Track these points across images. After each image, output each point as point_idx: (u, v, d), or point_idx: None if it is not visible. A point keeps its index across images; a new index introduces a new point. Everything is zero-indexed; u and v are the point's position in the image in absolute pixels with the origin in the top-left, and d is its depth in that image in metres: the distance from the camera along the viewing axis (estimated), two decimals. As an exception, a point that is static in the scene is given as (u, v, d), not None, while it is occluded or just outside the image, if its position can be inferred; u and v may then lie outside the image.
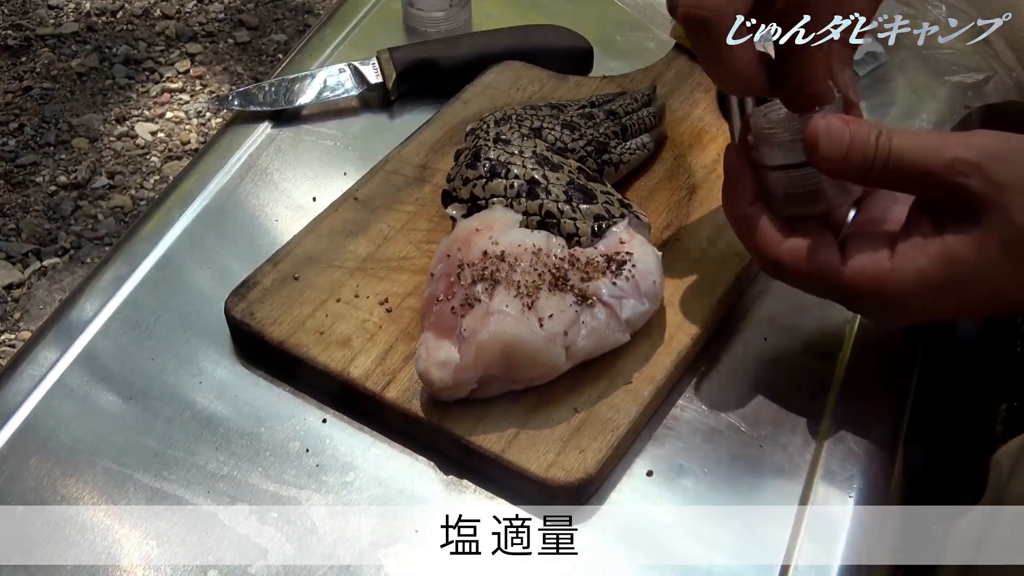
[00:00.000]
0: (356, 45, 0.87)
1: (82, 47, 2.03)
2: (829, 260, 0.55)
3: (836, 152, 0.54)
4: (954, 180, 0.51)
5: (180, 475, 0.59)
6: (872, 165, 0.53)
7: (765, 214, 0.57)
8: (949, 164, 0.51)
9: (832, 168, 0.55)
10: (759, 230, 0.57)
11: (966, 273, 0.52)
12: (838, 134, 0.54)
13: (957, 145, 0.52)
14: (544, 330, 0.57)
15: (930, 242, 0.53)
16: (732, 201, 0.59)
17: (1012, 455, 0.61)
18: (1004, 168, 0.51)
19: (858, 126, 0.54)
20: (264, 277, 0.65)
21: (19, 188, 1.78)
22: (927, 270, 0.53)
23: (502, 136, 0.68)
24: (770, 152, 0.57)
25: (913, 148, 0.53)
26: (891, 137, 0.53)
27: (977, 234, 0.52)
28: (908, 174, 0.53)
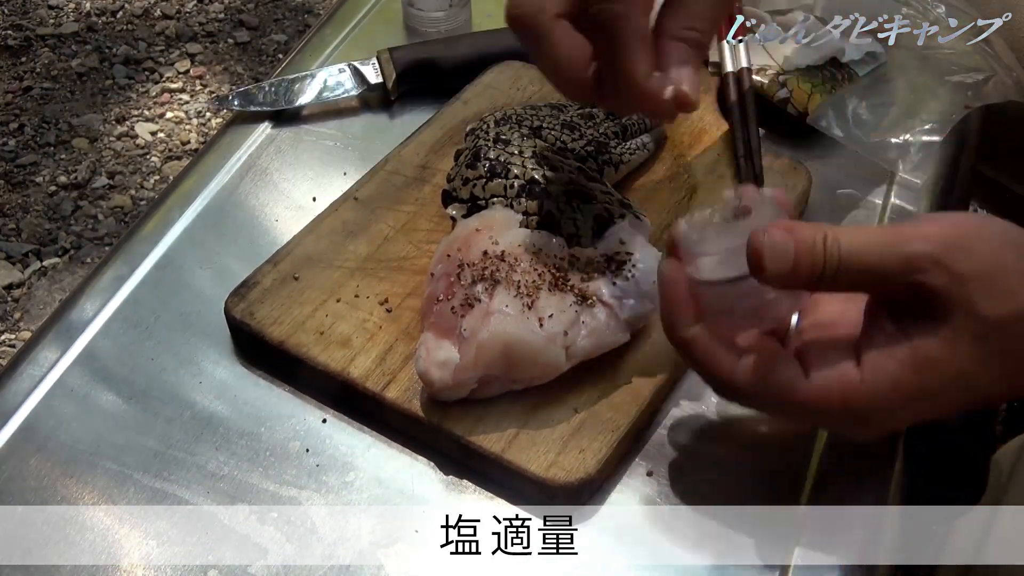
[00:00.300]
0: (356, 45, 0.87)
1: (82, 47, 2.03)
2: (790, 378, 0.51)
3: (783, 267, 0.49)
4: (913, 278, 0.48)
5: (180, 475, 0.59)
6: (823, 273, 0.49)
7: (710, 335, 0.52)
8: (906, 261, 0.48)
9: (781, 283, 0.50)
10: (707, 353, 0.52)
11: (939, 376, 0.49)
12: (782, 247, 0.49)
13: (911, 239, 0.49)
14: (544, 330, 0.57)
15: (898, 347, 0.49)
16: (672, 324, 0.53)
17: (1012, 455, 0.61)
18: (963, 258, 0.48)
19: (800, 234, 0.49)
20: (264, 277, 0.65)
21: (19, 188, 1.78)
22: (899, 378, 0.49)
23: (502, 136, 0.68)
24: (708, 267, 0.53)
25: (865, 248, 0.49)
26: (839, 240, 0.49)
27: (946, 332, 0.48)
28: (862, 277, 0.50)
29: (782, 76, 0.79)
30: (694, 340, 0.53)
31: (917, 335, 0.49)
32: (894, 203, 0.76)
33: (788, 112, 0.78)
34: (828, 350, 0.51)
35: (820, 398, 0.50)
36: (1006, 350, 0.49)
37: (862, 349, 0.50)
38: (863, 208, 0.75)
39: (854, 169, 0.77)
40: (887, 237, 0.49)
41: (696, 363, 0.53)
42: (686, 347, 0.53)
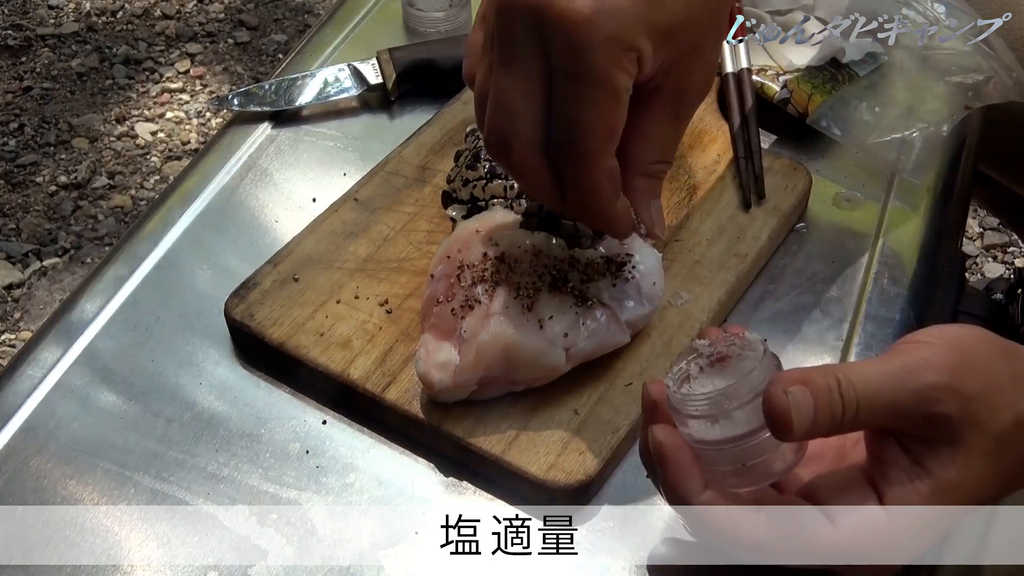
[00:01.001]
0: (356, 45, 0.87)
1: (82, 47, 2.03)
2: (815, 527, 0.49)
3: (806, 423, 0.47)
4: (930, 411, 0.48)
5: (180, 476, 0.59)
6: (842, 420, 0.48)
7: (723, 499, 0.49)
8: (920, 395, 0.48)
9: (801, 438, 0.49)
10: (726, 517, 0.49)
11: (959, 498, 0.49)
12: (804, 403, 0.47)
13: (921, 370, 0.48)
14: (544, 332, 0.57)
15: (917, 481, 0.48)
16: (682, 494, 0.49)
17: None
18: (971, 379, 0.48)
19: (815, 384, 0.47)
20: (264, 278, 0.65)
21: (19, 188, 1.78)
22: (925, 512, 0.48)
23: (502, 137, 0.68)
24: (703, 428, 0.49)
25: (879, 387, 0.48)
26: (852, 382, 0.48)
27: (960, 456, 0.48)
28: (879, 416, 0.49)
29: (782, 76, 0.79)
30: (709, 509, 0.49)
31: (935, 465, 0.48)
32: (894, 203, 0.76)
33: (788, 112, 0.78)
34: (844, 490, 0.50)
35: (850, 544, 0.49)
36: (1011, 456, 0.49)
37: (881, 486, 0.49)
38: (863, 208, 0.75)
39: (854, 169, 0.77)
40: (898, 371, 0.48)
41: (713, 529, 0.50)
42: (702, 516, 0.50)
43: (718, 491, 0.49)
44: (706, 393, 0.49)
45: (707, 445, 0.49)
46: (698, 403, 0.49)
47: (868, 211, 0.75)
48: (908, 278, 0.71)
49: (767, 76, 0.79)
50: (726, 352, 0.51)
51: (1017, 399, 0.49)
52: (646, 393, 0.52)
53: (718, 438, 0.49)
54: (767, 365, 0.49)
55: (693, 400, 0.49)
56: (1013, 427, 0.48)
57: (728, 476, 0.50)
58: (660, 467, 0.50)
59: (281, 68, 0.86)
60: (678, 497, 0.50)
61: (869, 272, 0.71)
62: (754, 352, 0.50)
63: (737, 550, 0.50)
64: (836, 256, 0.71)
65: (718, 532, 0.50)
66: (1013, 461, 0.49)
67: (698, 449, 0.50)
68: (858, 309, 0.68)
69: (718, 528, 0.50)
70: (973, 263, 1.70)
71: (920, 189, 0.77)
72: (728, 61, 0.79)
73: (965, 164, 0.81)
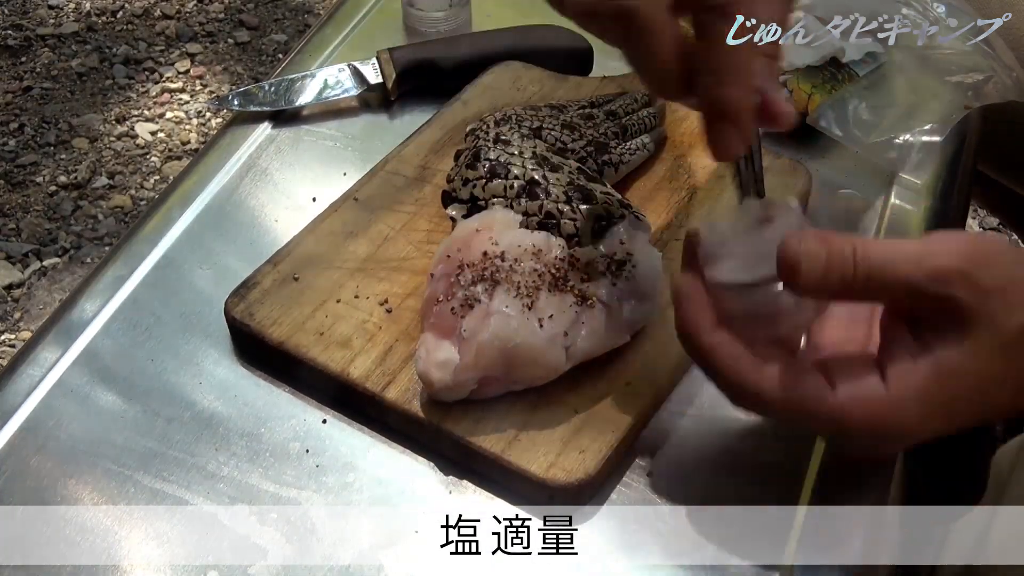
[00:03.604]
0: (356, 45, 0.87)
1: (82, 47, 2.03)
2: (815, 389, 0.50)
3: (815, 274, 0.49)
4: (940, 291, 0.48)
5: (180, 475, 0.59)
6: (853, 282, 0.49)
7: (734, 341, 0.51)
8: (933, 275, 0.49)
9: (811, 290, 0.51)
10: (731, 360, 0.51)
11: (962, 387, 0.49)
12: (816, 255, 0.49)
13: (939, 253, 0.49)
14: (544, 331, 0.57)
15: (921, 360, 0.49)
16: (692, 330, 0.52)
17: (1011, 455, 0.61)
18: (988, 272, 0.49)
19: (833, 244, 0.49)
20: (264, 278, 0.65)
21: (19, 188, 1.78)
22: (923, 390, 0.49)
23: (502, 136, 0.68)
24: (729, 270, 0.52)
25: (894, 260, 0.49)
26: (868, 251, 0.49)
27: (968, 344, 0.49)
28: (890, 288, 0.50)
29: (782, 76, 0.79)
30: (717, 347, 0.51)
31: (939, 347, 0.49)
32: (894, 203, 0.76)
33: (788, 112, 0.78)
34: (851, 365, 0.51)
35: (847, 411, 0.50)
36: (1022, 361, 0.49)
37: (885, 363, 0.50)
38: (863, 208, 0.75)
39: (854, 169, 0.77)
40: (915, 250, 0.50)
41: (717, 370, 0.52)
42: (707, 354, 0.52)
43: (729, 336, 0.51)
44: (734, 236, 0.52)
45: (729, 289, 0.52)
46: (725, 244, 0.52)
47: (868, 211, 0.75)
48: (908, 278, 0.70)
49: (767, 76, 0.78)
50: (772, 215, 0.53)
51: None
52: (687, 240, 0.54)
53: (739, 281, 0.51)
54: (794, 221, 0.52)
55: (721, 241, 0.52)
56: None
57: (748, 324, 0.52)
58: (676, 306, 0.53)
59: (281, 68, 0.86)
60: (688, 334, 0.52)
61: (869, 272, 0.70)
62: (787, 209, 0.53)
63: (737, 394, 0.52)
64: (836, 256, 0.71)
65: (720, 373, 0.52)
66: None
67: (721, 294, 0.52)
68: (858, 309, 0.68)
69: (720, 368, 0.51)
70: (973, 263, 1.69)
71: (920, 189, 0.77)
72: (728, 61, 0.78)
73: (965, 164, 0.81)
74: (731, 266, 0.52)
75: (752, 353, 0.51)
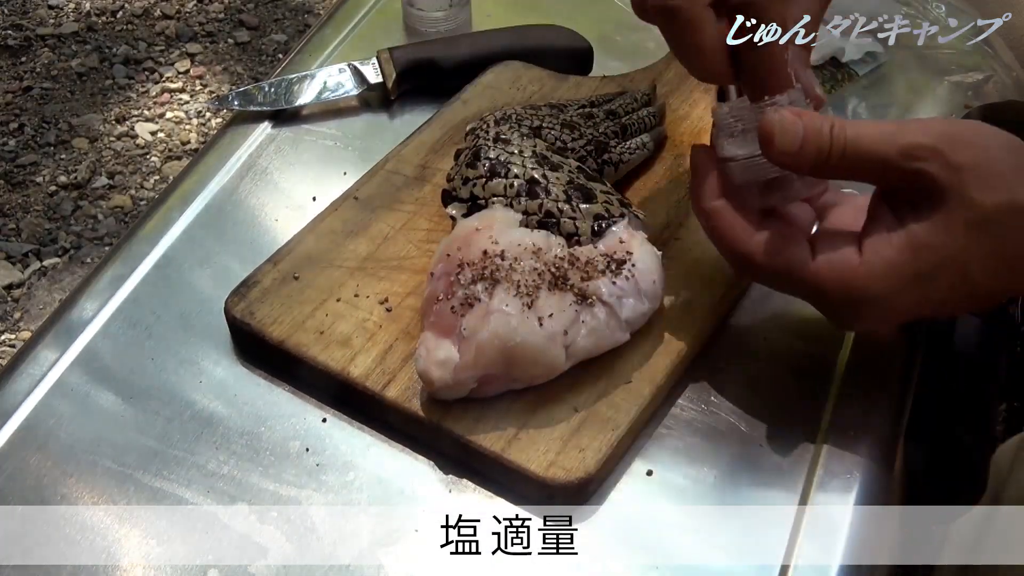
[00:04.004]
0: (356, 45, 0.87)
1: (82, 47, 2.03)
2: (798, 255, 0.55)
3: (791, 146, 0.54)
4: (912, 166, 0.51)
5: (180, 474, 0.59)
6: (828, 156, 0.53)
7: (732, 209, 0.57)
8: (905, 150, 0.51)
9: (788, 161, 0.55)
10: (727, 224, 0.57)
11: (933, 260, 0.52)
12: (792, 127, 0.54)
13: (913, 131, 0.52)
14: (544, 329, 0.57)
15: (894, 234, 0.53)
16: (699, 196, 0.58)
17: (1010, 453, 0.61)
18: (961, 150, 0.51)
19: (811, 119, 0.54)
20: (264, 277, 0.65)
21: (19, 188, 1.78)
22: (894, 261, 0.52)
23: (502, 136, 0.68)
24: (728, 143, 0.58)
25: (868, 137, 0.53)
26: (845, 128, 0.53)
27: (940, 218, 0.51)
28: (864, 163, 0.53)
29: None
30: (716, 211, 0.57)
31: (912, 220, 0.52)
32: (894, 203, 0.76)
33: (788, 112, 0.78)
34: (835, 238, 0.55)
35: (822, 277, 0.54)
36: (998, 240, 0.51)
37: (862, 237, 0.54)
38: (863, 208, 0.75)
39: (854, 169, 0.77)
40: (891, 128, 0.53)
41: (715, 233, 0.58)
42: (708, 217, 0.58)
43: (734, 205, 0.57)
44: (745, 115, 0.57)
45: (732, 160, 0.57)
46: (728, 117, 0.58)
47: (868, 210, 0.75)
48: (908, 277, 0.71)
49: (767, 76, 0.78)
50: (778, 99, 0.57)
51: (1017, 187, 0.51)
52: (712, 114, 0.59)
53: (740, 154, 0.57)
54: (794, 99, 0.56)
55: (726, 115, 0.58)
56: (1009, 212, 0.51)
57: (748, 193, 0.58)
58: (691, 177, 0.59)
59: (281, 68, 0.86)
60: (696, 198, 0.59)
61: (869, 271, 0.71)
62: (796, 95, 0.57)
63: (729, 255, 0.58)
64: (836, 255, 0.71)
65: (717, 235, 0.58)
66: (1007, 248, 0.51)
67: (725, 166, 0.58)
68: (858, 308, 0.68)
69: (718, 231, 0.57)
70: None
71: (920, 188, 0.77)
72: (728, 60, 0.78)
73: (965, 164, 0.81)
74: (735, 141, 0.57)
75: (754, 223, 0.56)
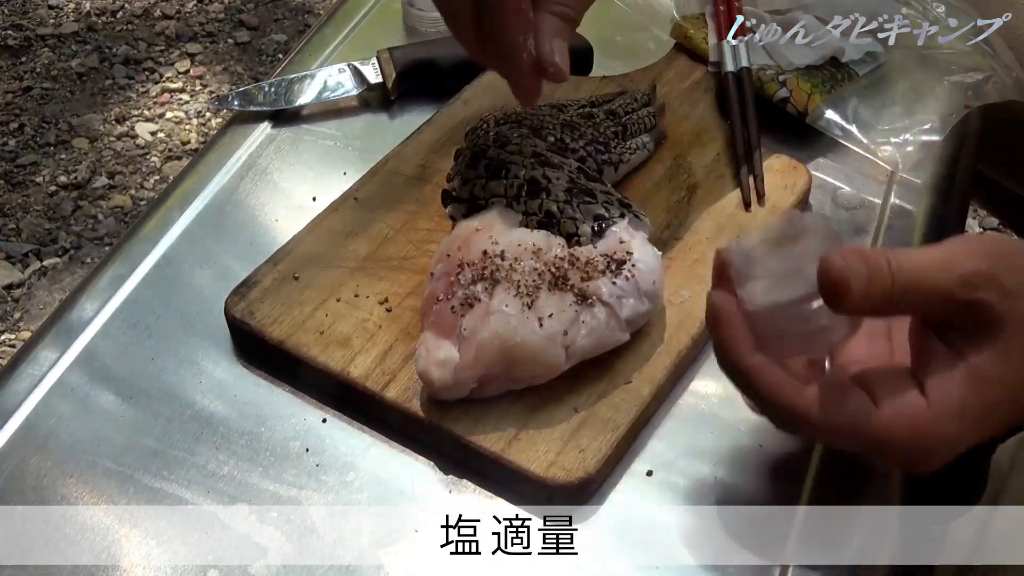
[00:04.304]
0: (356, 45, 0.87)
1: (82, 47, 2.03)
2: (860, 407, 0.49)
3: (860, 291, 0.48)
4: (972, 296, 0.48)
5: (180, 475, 0.59)
6: (891, 296, 0.48)
7: (773, 363, 0.51)
8: (964, 280, 0.48)
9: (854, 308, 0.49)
10: (773, 382, 0.50)
11: (998, 392, 0.49)
12: (859, 271, 0.48)
13: (966, 258, 0.49)
14: (544, 330, 0.57)
15: (956, 370, 0.49)
16: (732, 353, 0.51)
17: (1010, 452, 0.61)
18: (1011, 273, 0.49)
19: (871, 259, 0.48)
20: (264, 277, 0.65)
21: (19, 188, 1.78)
22: (963, 399, 0.49)
23: (502, 136, 0.68)
24: (761, 290, 0.51)
25: (926, 270, 0.49)
26: (901, 263, 0.49)
27: (999, 347, 0.49)
28: (925, 297, 0.49)
29: (782, 76, 0.79)
30: (758, 368, 0.50)
31: (971, 352, 0.49)
32: (894, 203, 0.76)
33: (788, 112, 0.78)
34: (889, 379, 0.50)
35: (892, 428, 0.49)
36: None
37: (921, 376, 0.50)
38: (863, 208, 0.75)
39: (854, 169, 0.77)
40: (943, 257, 0.49)
41: (760, 393, 0.51)
42: (748, 376, 0.51)
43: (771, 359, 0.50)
44: (766, 255, 0.51)
45: (763, 309, 0.50)
46: (757, 265, 0.51)
47: (868, 210, 0.75)
48: (908, 277, 0.70)
49: (767, 76, 0.79)
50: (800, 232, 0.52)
51: None
52: (717, 257, 0.53)
53: (773, 302, 0.50)
54: (827, 236, 0.50)
55: (753, 261, 0.51)
56: None
57: (780, 344, 0.51)
58: (713, 328, 0.52)
59: (281, 68, 0.86)
60: (729, 358, 0.51)
61: (869, 271, 0.70)
62: (815, 225, 0.51)
63: (781, 418, 0.52)
64: (836, 255, 0.71)
65: (761, 395, 0.51)
66: None
67: (755, 315, 0.51)
68: (858, 308, 0.68)
69: (762, 390, 0.51)
70: (973, 263, 1.70)
71: (920, 189, 0.77)
72: (728, 61, 0.79)
73: (965, 164, 0.81)
74: (763, 286, 0.51)
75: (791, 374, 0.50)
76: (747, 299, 0.51)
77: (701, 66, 0.81)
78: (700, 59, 0.82)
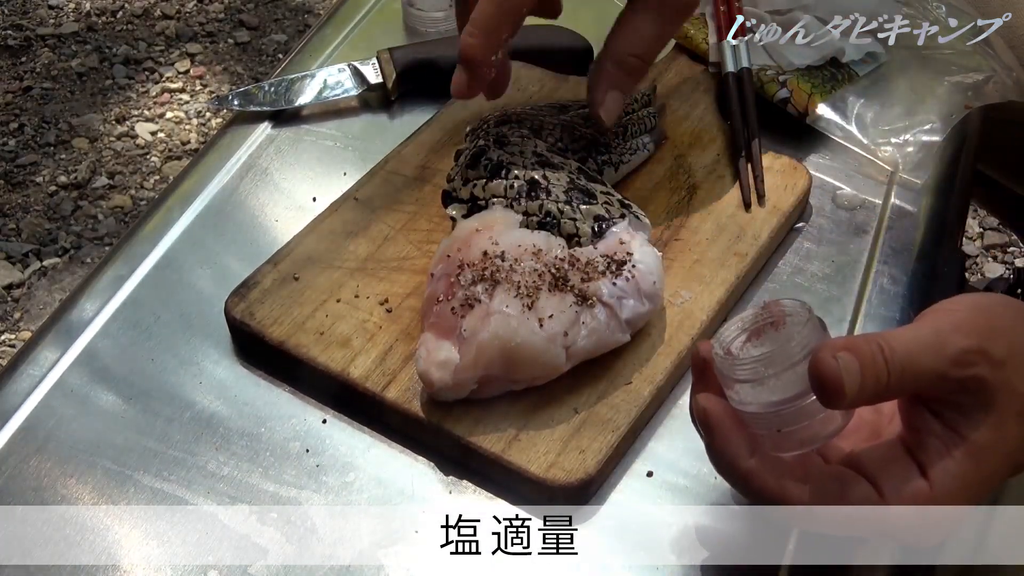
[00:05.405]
0: (356, 45, 0.87)
1: (82, 47, 2.03)
2: (864, 496, 0.49)
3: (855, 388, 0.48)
4: (965, 374, 0.48)
5: (180, 475, 0.59)
6: (887, 386, 0.48)
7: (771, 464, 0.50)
8: (955, 359, 0.48)
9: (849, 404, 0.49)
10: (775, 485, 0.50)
11: (995, 460, 0.50)
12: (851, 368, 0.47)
13: (954, 335, 0.49)
14: (544, 330, 0.57)
15: (954, 447, 0.49)
16: (727, 459, 0.51)
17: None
18: (1000, 344, 0.49)
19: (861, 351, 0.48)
20: (264, 277, 0.65)
21: (19, 188, 1.78)
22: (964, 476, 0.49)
23: (502, 136, 0.68)
24: (750, 393, 0.50)
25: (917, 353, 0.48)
26: (893, 349, 0.48)
27: (994, 419, 0.49)
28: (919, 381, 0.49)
29: (782, 76, 0.79)
30: (757, 473, 0.50)
31: (966, 427, 0.49)
32: (894, 203, 0.76)
33: (788, 112, 0.78)
34: (888, 464, 0.50)
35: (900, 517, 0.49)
36: None
37: (920, 457, 0.50)
38: (863, 208, 0.75)
39: (854, 169, 0.77)
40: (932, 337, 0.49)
41: (762, 495, 0.51)
42: (747, 480, 0.51)
43: (765, 457, 0.50)
44: (752, 357, 0.50)
45: (753, 409, 0.50)
46: (744, 367, 0.49)
47: (868, 211, 0.75)
48: (908, 278, 0.71)
49: (767, 76, 0.79)
50: (772, 319, 0.51)
51: None
52: (696, 353, 0.53)
53: (764, 402, 0.49)
54: (812, 330, 0.49)
55: (739, 364, 0.50)
56: None
57: (774, 441, 0.50)
58: (706, 434, 0.51)
59: (281, 68, 0.86)
60: (725, 463, 0.51)
61: (869, 272, 0.71)
62: (799, 317, 0.50)
63: (785, 516, 0.52)
64: (836, 256, 0.71)
65: (765, 496, 0.50)
66: None
67: (744, 414, 0.50)
68: (858, 309, 0.68)
69: (765, 491, 0.50)
70: (973, 263, 1.70)
71: (920, 189, 0.77)
72: (728, 61, 0.78)
73: (965, 164, 0.81)
74: (753, 388, 0.50)
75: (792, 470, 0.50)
76: (737, 402, 0.50)
77: (701, 66, 0.81)
78: (700, 59, 0.82)
